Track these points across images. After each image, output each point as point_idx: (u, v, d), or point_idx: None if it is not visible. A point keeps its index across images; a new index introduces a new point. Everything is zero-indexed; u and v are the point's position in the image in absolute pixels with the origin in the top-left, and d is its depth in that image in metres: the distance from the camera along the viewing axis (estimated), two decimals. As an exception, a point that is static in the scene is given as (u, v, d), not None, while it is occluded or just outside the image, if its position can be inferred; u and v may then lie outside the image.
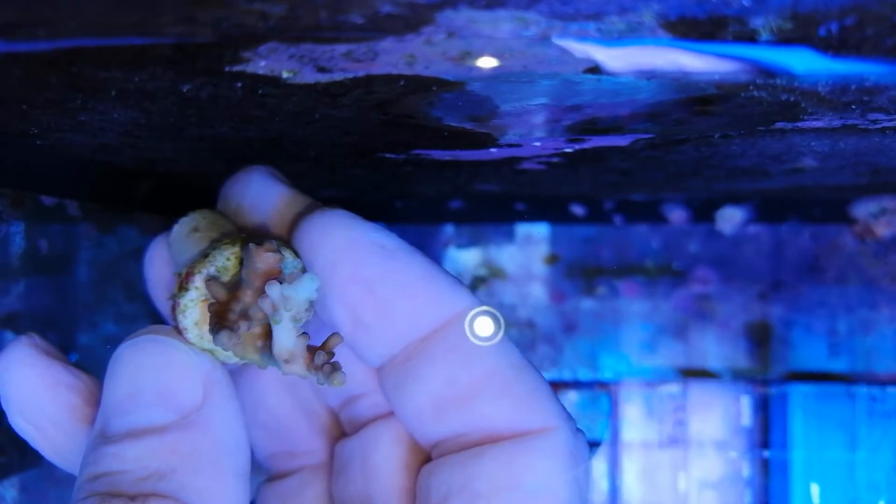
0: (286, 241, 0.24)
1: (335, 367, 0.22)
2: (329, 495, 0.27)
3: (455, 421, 0.23)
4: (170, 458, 0.22)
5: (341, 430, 0.28)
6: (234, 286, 0.23)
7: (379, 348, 0.24)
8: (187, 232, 0.25)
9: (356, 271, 0.23)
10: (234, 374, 0.27)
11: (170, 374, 0.23)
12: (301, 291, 0.22)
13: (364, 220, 0.24)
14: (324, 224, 0.24)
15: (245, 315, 0.23)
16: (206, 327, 0.24)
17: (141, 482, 0.21)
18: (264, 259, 0.22)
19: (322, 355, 0.22)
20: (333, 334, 0.23)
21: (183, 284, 0.24)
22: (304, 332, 0.22)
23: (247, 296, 0.23)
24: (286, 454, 0.28)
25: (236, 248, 0.24)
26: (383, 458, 0.25)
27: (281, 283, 0.22)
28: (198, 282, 0.23)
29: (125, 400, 0.23)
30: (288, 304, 0.22)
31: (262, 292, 0.22)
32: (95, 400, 0.25)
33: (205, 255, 0.24)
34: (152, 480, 0.21)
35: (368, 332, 0.24)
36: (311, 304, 0.22)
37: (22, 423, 0.25)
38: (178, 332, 0.24)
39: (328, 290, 0.24)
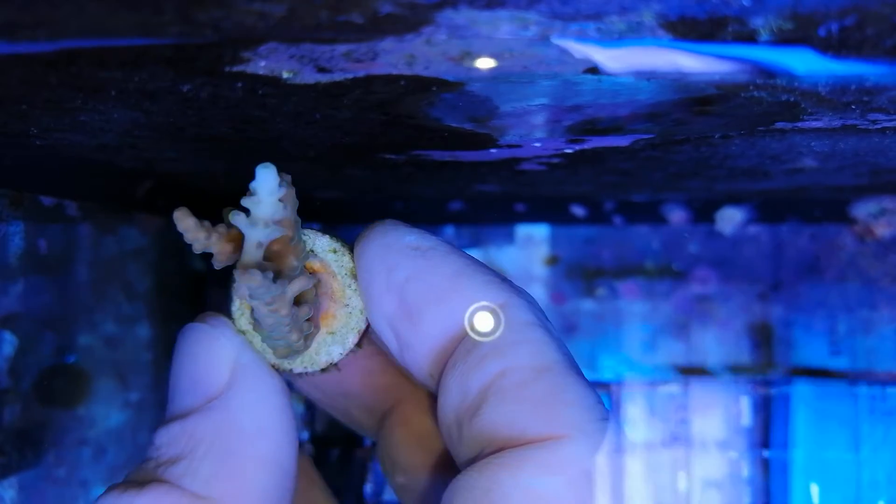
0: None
1: (250, 267, 0.21)
2: None
3: (469, 435, 0.21)
4: (184, 445, 0.22)
5: None
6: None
7: (425, 366, 0.23)
8: None
9: (389, 277, 0.23)
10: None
11: (200, 361, 0.23)
12: (256, 181, 0.21)
13: (404, 226, 0.23)
14: (364, 236, 0.24)
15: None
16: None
17: (156, 469, 0.22)
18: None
19: (305, 309, 0.22)
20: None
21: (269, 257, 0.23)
22: (267, 259, 0.22)
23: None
24: None
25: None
26: None
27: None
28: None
29: (171, 389, 0.23)
30: (252, 199, 0.21)
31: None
32: None
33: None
34: (163, 468, 0.22)
35: (410, 349, 0.23)
36: (278, 216, 0.21)
37: None
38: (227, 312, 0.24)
39: (371, 306, 0.23)
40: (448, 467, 0.25)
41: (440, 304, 0.22)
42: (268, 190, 0.21)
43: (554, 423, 0.20)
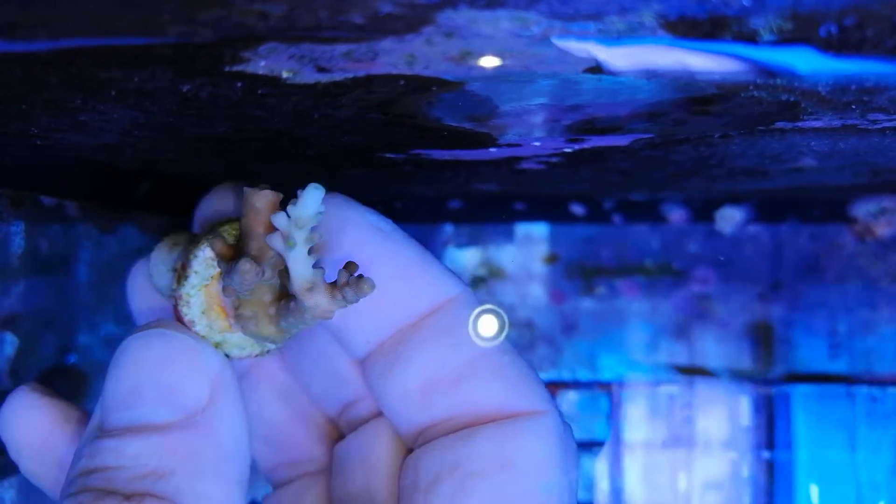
0: None
1: (360, 278, 0.21)
2: (327, 500, 0.27)
3: (444, 404, 0.23)
4: (170, 459, 0.21)
5: (339, 435, 0.27)
6: (237, 249, 0.23)
7: (369, 333, 0.24)
8: (168, 249, 0.25)
9: (352, 252, 0.23)
10: None
11: (176, 370, 0.22)
12: (307, 205, 0.21)
13: (358, 203, 0.24)
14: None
15: (258, 261, 0.22)
16: (214, 315, 0.23)
17: (138, 481, 0.21)
18: (263, 196, 0.22)
19: (344, 273, 0.21)
20: (348, 262, 0.22)
21: (182, 274, 0.23)
22: (319, 267, 0.22)
23: (252, 248, 0.22)
24: (287, 464, 0.28)
25: (226, 226, 0.23)
26: (385, 451, 0.25)
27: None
28: (196, 266, 0.23)
29: (128, 395, 0.22)
30: (298, 223, 0.21)
31: (269, 229, 0.21)
32: None
33: (195, 244, 0.23)
34: (150, 480, 0.21)
35: (359, 316, 0.24)
36: (318, 228, 0.21)
37: (36, 468, 0.25)
38: (187, 327, 0.23)
39: (327, 272, 0.23)
40: (307, 418, 0.28)
41: (406, 282, 0.24)
42: (315, 205, 0.21)
43: (535, 399, 0.23)
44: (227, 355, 0.24)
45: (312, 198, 0.21)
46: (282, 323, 0.22)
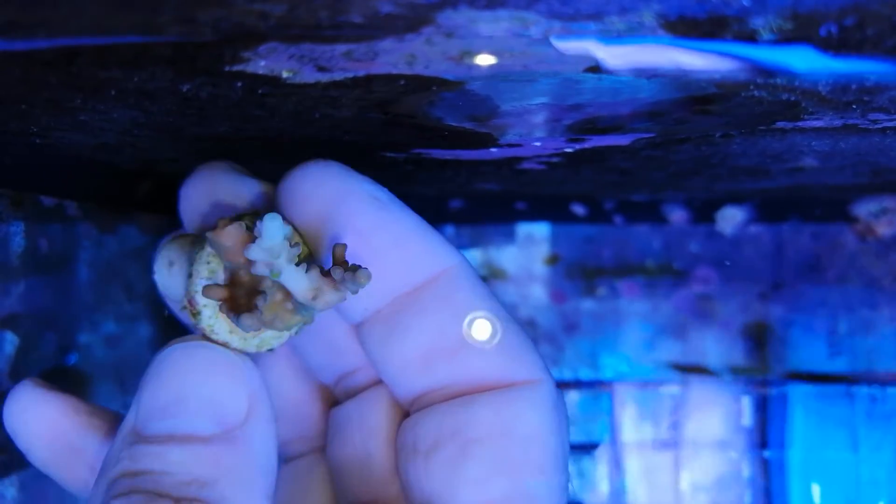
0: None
1: (355, 269, 0.22)
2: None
3: (443, 372, 0.24)
4: (213, 469, 0.22)
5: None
6: (231, 277, 0.23)
7: (366, 301, 0.24)
8: (167, 270, 0.25)
9: (350, 221, 0.23)
10: None
11: (217, 384, 0.23)
12: (272, 236, 0.21)
13: (357, 172, 0.24)
14: (316, 174, 0.24)
15: (254, 292, 0.22)
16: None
17: (184, 486, 0.21)
18: (227, 234, 0.22)
19: (338, 270, 0.22)
20: (336, 245, 0.22)
21: (193, 311, 0.23)
22: (312, 265, 0.22)
23: (242, 276, 0.22)
24: (301, 439, 0.28)
25: (209, 248, 0.24)
26: (383, 415, 0.25)
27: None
28: (201, 301, 0.23)
29: (170, 403, 0.22)
30: (273, 253, 0.21)
31: (249, 263, 0.22)
32: (114, 424, 0.25)
33: (190, 276, 0.24)
34: (194, 487, 0.21)
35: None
36: (292, 237, 0.22)
37: (50, 459, 0.25)
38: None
39: (320, 240, 0.24)
40: (322, 395, 0.28)
41: (403, 250, 0.24)
42: (280, 231, 0.21)
43: (532, 368, 0.24)
44: (271, 349, 0.24)
45: (274, 228, 0.21)
46: (302, 312, 0.23)
